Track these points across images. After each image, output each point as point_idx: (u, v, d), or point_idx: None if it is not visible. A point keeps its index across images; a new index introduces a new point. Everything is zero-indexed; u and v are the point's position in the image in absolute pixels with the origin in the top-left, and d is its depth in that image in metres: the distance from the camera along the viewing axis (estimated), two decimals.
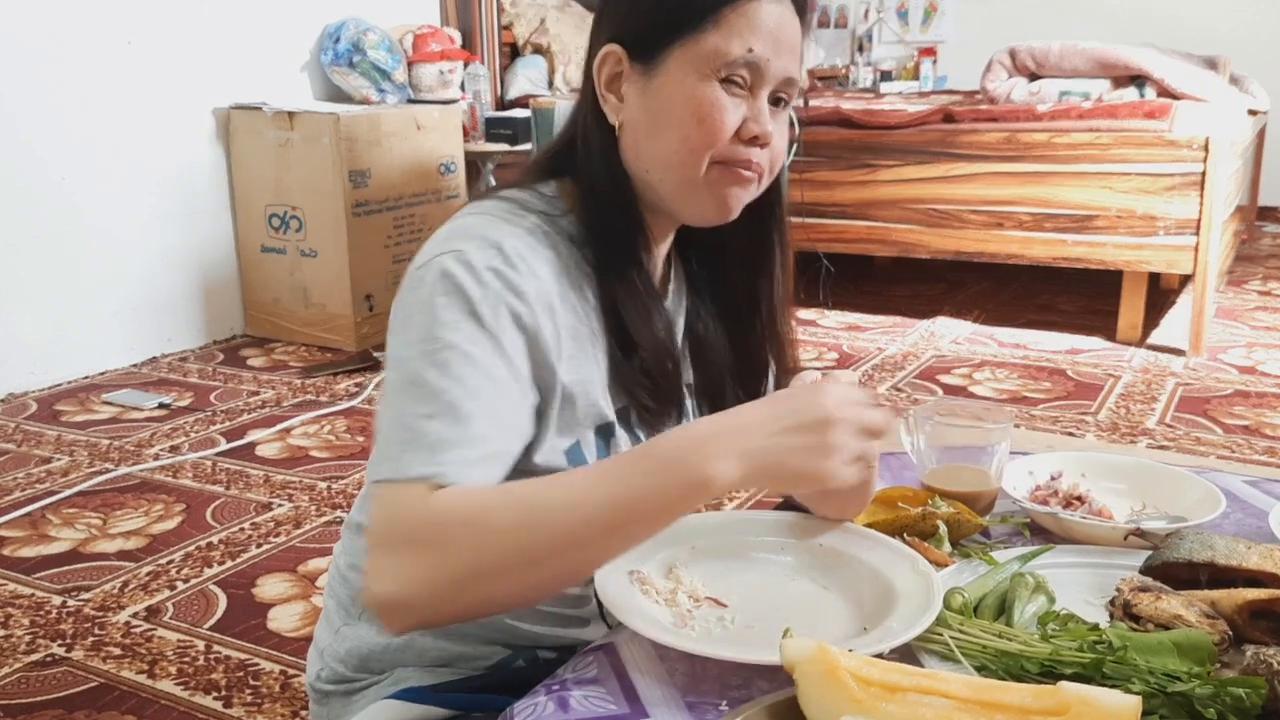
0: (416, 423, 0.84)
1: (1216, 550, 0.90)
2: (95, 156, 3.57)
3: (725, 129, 0.95)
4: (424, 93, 4.41)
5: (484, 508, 0.81)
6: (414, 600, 0.80)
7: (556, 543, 0.80)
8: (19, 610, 2.10)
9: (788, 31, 0.97)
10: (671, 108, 0.96)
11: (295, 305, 3.96)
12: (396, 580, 0.80)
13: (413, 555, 0.80)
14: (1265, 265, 5.20)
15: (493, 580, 0.80)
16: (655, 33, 0.96)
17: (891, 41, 7.09)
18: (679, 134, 0.96)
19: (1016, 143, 3.80)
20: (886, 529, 1.01)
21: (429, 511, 0.81)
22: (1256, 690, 0.72)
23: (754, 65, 0.95)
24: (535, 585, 0.84)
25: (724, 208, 1.00)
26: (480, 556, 0.79)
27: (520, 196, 1.00)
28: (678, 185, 0.98)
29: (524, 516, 0.81)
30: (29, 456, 2.91)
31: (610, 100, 0.99)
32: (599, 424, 0.99)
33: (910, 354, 3.80)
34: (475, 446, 0.84)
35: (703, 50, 0.94)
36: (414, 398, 0.86)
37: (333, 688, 1.09)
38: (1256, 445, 2.88)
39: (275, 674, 1.87)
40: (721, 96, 0.95)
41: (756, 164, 0.98)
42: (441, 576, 0.79)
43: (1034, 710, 0.70)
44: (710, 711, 0.77)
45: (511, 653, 1.05)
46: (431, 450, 0.83)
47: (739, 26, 0.94)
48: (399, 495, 0.82)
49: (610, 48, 0.98)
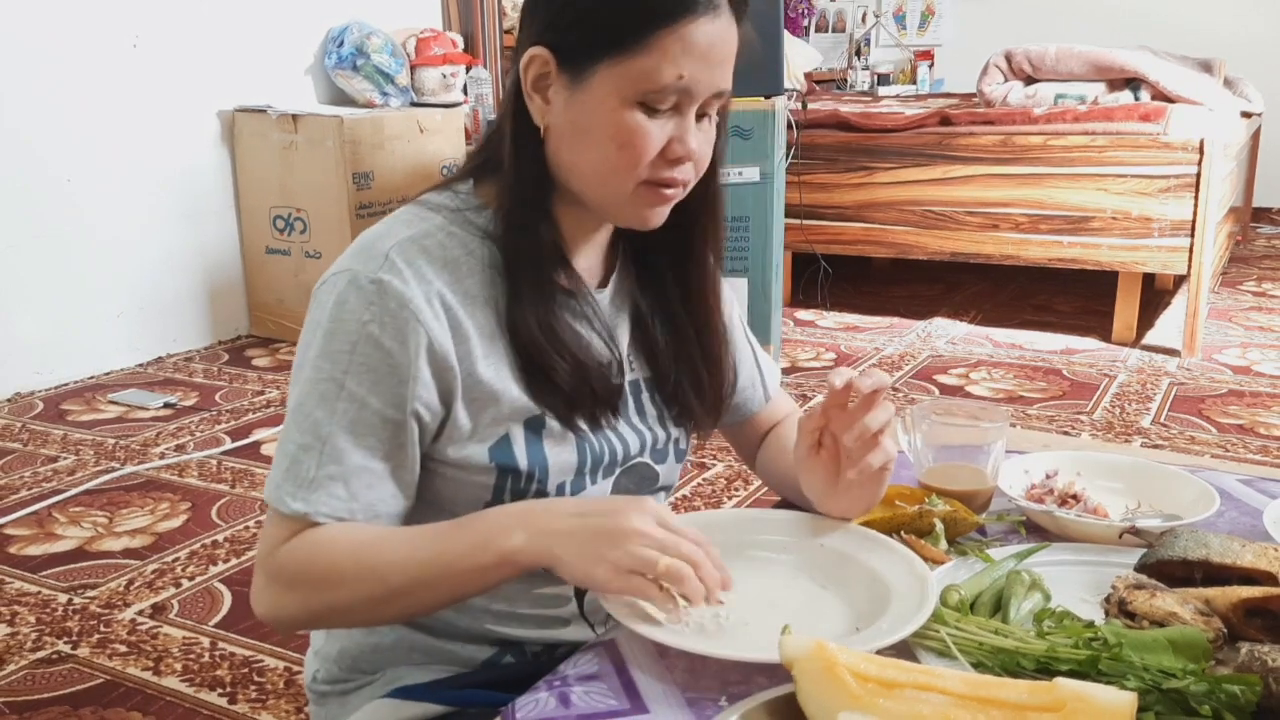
0: (296, 453, 0.91)
1: (1211, 548, 0.90)
2: (100, 158, 3.57)
3: (647, 155, 0.92)
4: (427, 96, 4.42)
5: (333, 562, 0.90)
6: (286, 623, 0.95)
7: (390, 593, 0.90)
8: (25, 608, 2.11)
9: (722, 47, 0.92)
10: (593, 127, 0.92)
11: (299, 306, 3.97)
12: (269, 606, 0.93)
13: (281, 589, 0.92)
14: (1259, 266, 5.21)
15: (344, 615, 0.94)
16: (582, 45, 0.92)
17: (889, 45, 7.10)
18: (600, 155, 0.93)
19: (1013, 145, 3.82)
20: (883, 527, 1.01)
21: (296, 555, 0.90)
22: (1251, 687, 0.72)
23: (682, 90, 0.91)
24: (381, 619, 0.99)
25: (648, 221, 0.98)
26: (329, 599, 0.91)
27: (433, 199, 1.00)
28: (600, 199, 0.97)
29: (364, 571, 0.90)
30: (35, 455, 2.92)
31: (536, 101, 0.95)
32: (526, 418, 0.97)
33: (907, 354, 3.82)
34: (345, 484, 0.91)
35: (630, 73, 0.90)
36: (297, 425, 0.92)
37: (328, 688, 1.09)
38: (1250, 444, 2.89)
39: (280, 671, 1.88)
40: (644, 123, 0.91)
41: (680, 179, 0.96)
42: (305, 611, 0.93)
43: (1030, 706, 0.70)
44: (710, 707, 0.78)
45: (499, 649, 1.05)
46: (305, 488, 0.90)
47: (672, 51, 0.89)
48: (277, 529, 0.92)
49: (538, 50, 0.93)
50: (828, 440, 1.00)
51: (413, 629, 1.04)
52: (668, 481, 1.12)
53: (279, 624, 0.95)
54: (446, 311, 0.93)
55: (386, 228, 0.96)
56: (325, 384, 0.91)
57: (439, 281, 0.93)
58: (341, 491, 0.90)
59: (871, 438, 0.96)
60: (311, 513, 0.90)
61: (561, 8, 0.93)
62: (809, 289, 4.46)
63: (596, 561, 0.84)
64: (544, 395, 0.97)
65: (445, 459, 0.96)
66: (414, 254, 0.93)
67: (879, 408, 0.96)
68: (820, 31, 7.19)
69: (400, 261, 0.92)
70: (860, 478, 0.98)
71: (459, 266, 0.95)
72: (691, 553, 0.85)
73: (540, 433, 0.98)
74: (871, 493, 1.00)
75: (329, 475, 0.90)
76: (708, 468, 2.75)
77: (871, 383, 0.95)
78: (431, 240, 0.95)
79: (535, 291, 0.96)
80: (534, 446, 0.97)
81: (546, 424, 0.98)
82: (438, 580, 0.89)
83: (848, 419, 0.96)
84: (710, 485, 2.65)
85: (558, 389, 0.97)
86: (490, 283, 0.96)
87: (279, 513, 0.91)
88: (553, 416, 0.98)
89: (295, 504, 0.90)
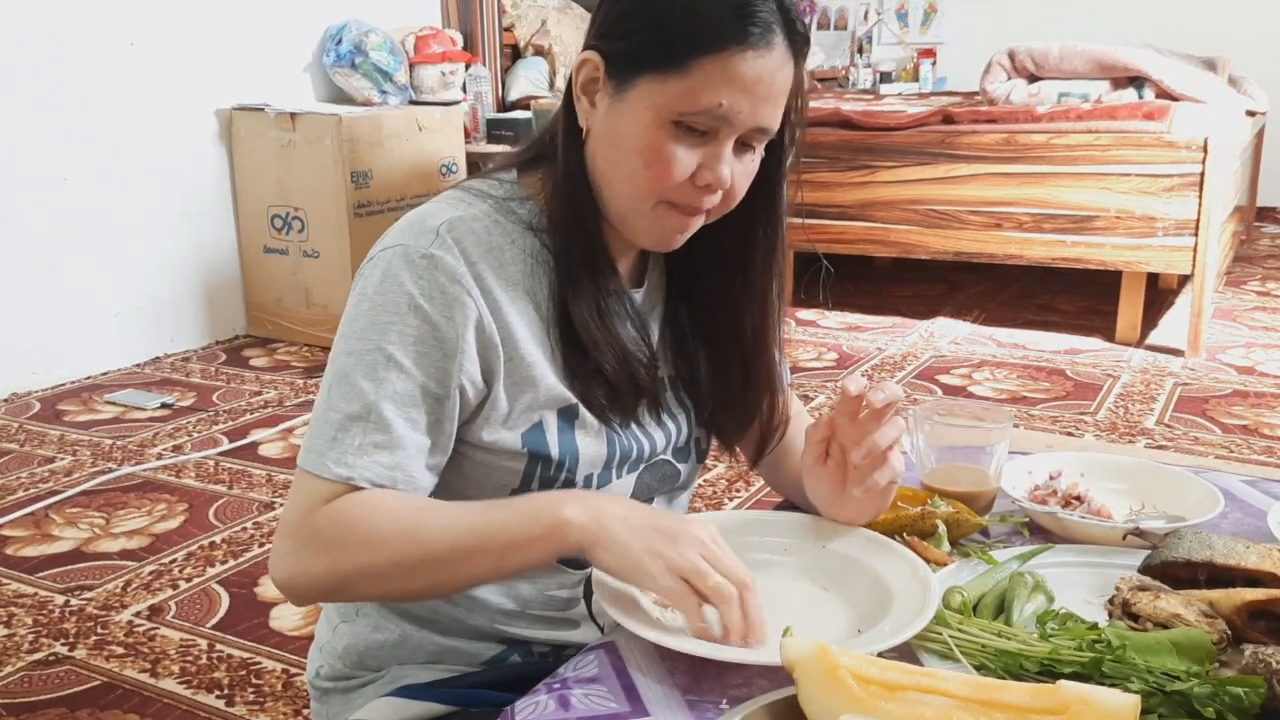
0: (342, 421, 0.90)
1: (1215, 550, 0.90)
2: (97, 157, 3.57)
3: (673, 178, 0.92)
4: (425, 94, 4.41)
5: (375, 525, 0.88)
6: (306, 590, 0.93)
7: (426, 559, 0.89)
8: (22, 609, 2.10)
9: (771, 83, 0.91)
10: (625, 140, 0.93)
11: (297, 305, 3.97)
12: (293, 571, 0.91)
13: (311, 553, 0.90)
14: (1264, 266, 5.20)
15: (371, 582, 0.91)
16: (630, 56, 0.93)
17: (891, 43, 7.10)
18: (628, 169, 0.94)
19: (1016, 144, 3.81)
20: (886, 528, 1.01)
21: (334, 517, 0.89)
22: (1255, 689, 0.72)
23: (720, 118, 0.91)
24: (410, 591, 0.96)
25: (663, 242, 0.99)
26: (362, 564, 0.89)
27: (477, 185, 1.01)
28: (622, 211, 0.97)
29: (403, 534, 0.89)
30: (32, 456, 2.92)
31: (583, 103, 0.97)
32: (561, 406, 0.98)
33: (910, 354, 3.81)
34: (391, 452, 0.90)
35: (668, 92, 0.90)
36: (343, 395, 0.91)
37: (331, 685, 1.09)
38: (1255, 445, 2.88)
39: (277, 673, 1.88)
40: (672, 145, 0.91)
41: (704, 207, 0.96)
42: (330, 575, 0.90)
43: (1033, 709, 0.70)
44: (710, 710, 0.78)
45: (506, 648, 1.05)
46: (352, 454, 0.90)
47: (714, 78, 0.89)
48: (316, 492, 0.90)
49: (590, 54, 0.96)
50: (835, 450, 0.99)
51: (419, 627, 1.05)
52: (687, 481, 1.13)
53: (297, 590, 0.93)
54: (490, 295, 0.94)
55: (435, 207, 0.98)
56: (372, 354, 0.91)
57: (484, 264, 0.94)
58: (386, 459, 0.90)
59: (879, 455, 0.95)
60: (356, 478, 0.89)
61: (617, 18, 0.95)
62: (810, 288, 4.45)
63: (652, 555, 0.84)
64: (585, 385, 0.98)
65: (478, 442, 0.97)
66: (462, 233, 0.94)
67: (889, 424, 0.95)
68: (822, 29, 7.18)
69: (450, 239, 0.93)
70: (866, 494, 0.97)
71: (502, 253, 0.96)
72: (744, 579, 0.84)
73: (573, 422, 0.99)
74: (877, 505, 0.99)
75: (375, 444, 0.90)
76: (709, 468, 2.74)
77: (884, 397, 0.93)
78: (479, 224, 0.96)
79: (589, 283, 0.98)
80: (566, 435, 0.98)
81: (580, 414, 0.99)
82: (477, 550, 0.88)
83: (856, 431, 0.95)
84: (711, 486, 2.64)
85: (602, 380, 0.98)
86: (531, 273, 0.97)
87: (319, 478, 0.90)
88: (588, 407, 0.99)
89: (339, 469, 0.89)
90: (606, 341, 0.98)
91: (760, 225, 1.04)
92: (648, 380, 1.02)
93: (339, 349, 0.93)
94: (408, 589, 0.94)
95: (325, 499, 0.89)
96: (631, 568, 0.84)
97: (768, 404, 1.10)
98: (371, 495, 0.89)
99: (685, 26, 0.90)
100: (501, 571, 0.92)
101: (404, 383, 0.91)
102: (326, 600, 1.03)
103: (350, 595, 0.99)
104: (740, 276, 1.05)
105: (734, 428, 1.11)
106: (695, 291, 1.08)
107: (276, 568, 0.92)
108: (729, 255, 1.04)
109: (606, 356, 0.98)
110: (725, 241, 1.03)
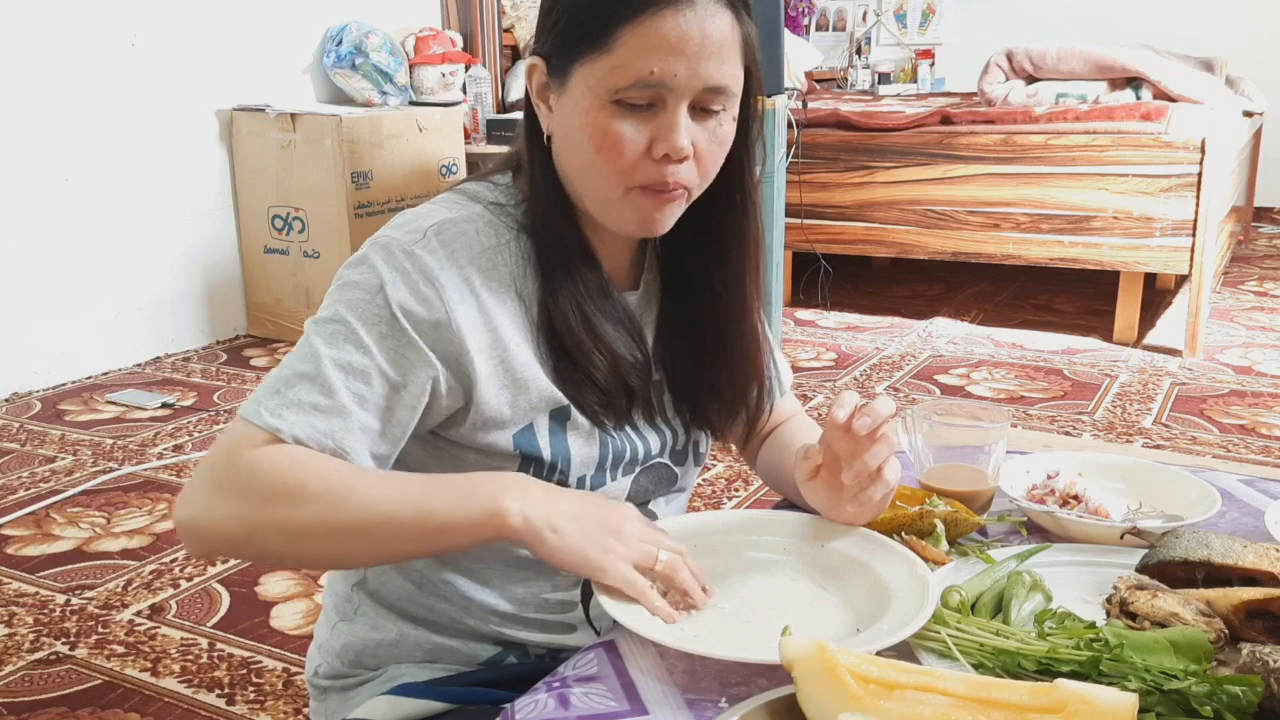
0: (289, 376, 0.90)
1: (1212, 549, 0.90)
2: (98, 157, 3.57)
3: (626, 156, 0.91)
4: (426, 95, 4.42)
5: (303, 480, 0.85)
6: (211, 536, 0.88)
7: (353, 525, 0.86)
8: (23, 609, 2.11)
9: (703, 38, 0.88)
10: (575, 132, 0.93)
11: (297, 305, 3.97)
12: (202, 512, 0.87)
13: (226, 497, 0.86)
14: (1261, 266, 5.21)
15: (286, 540, 0.87)
16: (561, 49, 0.92)
17: (889, 44, 7.10)
18: (585, 160, 0.93)
19: (1014, 144, 3.81)
20: (884, 528, 1.01)
21: (259, 463, 0.86)
22: (1252, 688, 0.72)
23: (656, 85, 0.89)
24: (324, 557, 0.95)
25: (646, 226, 0.97)
26: (281, 518, 0.86)
27: (472, 188, 1.01)
28: (596, 203, 0.97)
29: (333, 495, 0.85)
30: (33, 456, 2.92)
31: (542, 110, 0.97)
32: (553, 408, 0.98)
33: (908, 354, 3.81)
34: (328, 417, 0.88)
35: (599, 73, 0.89)
36: (298, 356, 0.91)
37: (330, 683, 1.09)
38: (1252, 444, 2.89)
39: (278, 671, 1.88)
40: (616, 124, 0.90)
41: (676, 182, 0.93)
42: (243, 524, 0.86)
43: (1031, 708, 0.70)
44: (710, 709, 0.78)
45: (503, 649, 1.05)
46: (290, 409, 0.88)
47: (637, 46, 0.88)
48: (245, 436, 0.87)
49: (534, 59, 0.96)
50: (829, 458, 0.98)
51: (416, 626, 1.05)
52: (684, 484, 1.12)
53: (201, 534, 0.88)
54: (476, 298, 0.93)
55: (427, 209, 0.98)
56: (336, 324, 0.91)
57: (472, 268, 0.94)
58: (321, 423, 0.88)
59: (872, 473, 0.95)
60: (284, 430, 0.87)
61: (544, 14, 0.96)
62: (809, 289, 4.46)
63: (605, 551, 0.86)
64: (577, 389, 0.98)
65: (471, 444, 0.97)
66: (452, 236, 0.94)
67: (880, 443, 0.94)
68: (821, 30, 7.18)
69: (437, 241, 0.93)
70: (860, 507, 0.97)
71: (494, 255, 0.95)
72: (678, 547, 0.90)
73: (565, 424, 0.99)
74: (872, 515, 0.99)
75: (314, 405, 0.88)
76: (708, 468, 2.75)
77: (869, 422, 0.92)
78: (470, 226, 0.96)
79: (570, 288, 0.97)
80: (558, 437, 0.98)
81: (572, 416, 0.99)
82: (409, 525, 0.86)
83: (848, 447, 0.94)
84: (710, 485, 2.65)
85: (593, 384, 0.98)
86: (523, 275, 0.97)
87: (250, 424, 0.88)
88: (580, 410, 0.98)
89: (272, 419, 0.87)
90: (594, 345, 0.97)
91: (731, 191, 1.01)
92: (640, 384, 1.02)
93: (309, 324, 0.94)
94: (322, 554, 0.92)
95: (252, 445, 0.87)
96: (587, 566, 0.86)
97: (755, 385, 1.09)
98: (303, 450, 0.87)
99: (599, 2, 0.89)
100: (430, 550, 0.93)
101: (360, 357, 0.89)
102: (225, 553, 0.98)
103: (253, 550, 0.90)
104: (715, 247, 1.04)
105: (723, 414, 1.09)
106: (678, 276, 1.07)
107: (184, 506, 0.88)
108: (702, 226, 1.02)
109: (595, 361, 0.97)
110: (698, 212, 1.00)
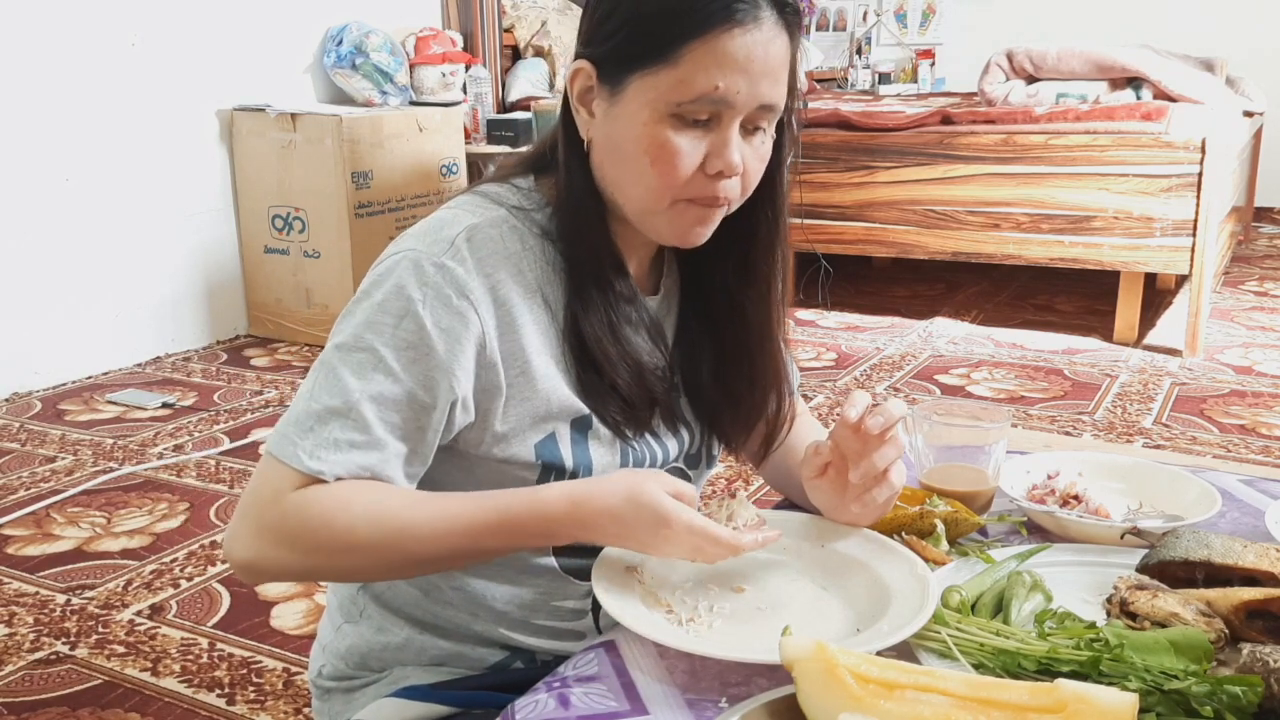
0: (322, 413, 0.89)
1: (1213, 549, 0.90)
2: (99, 157, 3.57)
3: (682, 171, 0.91)
4: (426, 95, 4.42)
5: (350, 525, 0.87)
6: (266, 575, 0.92)
7: (410, 562, 0.91)
8: (23, 608, 2.11)
9: (765, 58, 0.90)
10: (627, 142, 0.92)
11: (298, 305, 3.97)
12: (254, 555, 0.89)
13: (276, 542, 0.88)
14: (1261, 266, 5.20)
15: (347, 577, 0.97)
16: (618, 57, 0.91)
17: (890, 44, 7.10)
18: (635, 171, 0.93)
19: (1014, 144, 3.81)
20: (884, 527, 1.01)
21: (305, 509, 0.87)
22: (1253, 688, 0.72)
23: (719, 101, 0.89)
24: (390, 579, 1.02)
25: (687, 237, 0.97)
26: (338, 562, 0.90)
27: (494, 190, 1.00)
28: (638, 212, 0.96)
29: (385, 539, 0.88)
30: (33, 456, 2.92)
31: (582, 114, 0.96)
32: (574, 417, 0.97)
33: (908, 354, 3.81)
34: (366, 453, 0.89)
35: (661, 85, 0.89)
36: (326, 388, 0.90)
37: (333, 684, 1.09)
38: (1252, 444, 2.89)
39: (278, 671, 1.88)
40: (674, 138, 0.90)
41: (723, 196, 0.94)
42: (298, 568, 0.91)
43: (1031, 708, 0.70)
44: (710, 709, 0.78)
45: (509, 654, 1.05)
46: (327, 449, 0.88)
47: (704, 62, 0.88)
48: (284, 478, 0.88)
49: (581, 63, 0.95)
50: (836, 458, 0.98)
51: (423, 631, 1.05)
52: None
53: (255, 574, 0.91)
54: (501, 305, 0.93)
55: (452, 214, 0.96)
56: (363, 353, 0.90)
57: (501, 273, 0.93)
58: (361, 459, 0.88)
59: (879, 474, 0.95)
60: (326, 472, 0.87)
61: (600, 21, 0.94)
62: (810, 288, 4.46)
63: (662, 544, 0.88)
64: (599, 400, 0.97)
65: (489, 455, 0.96)
66: (480, 242, 0.93)
67: (889, 444, 0.94)
68: (821, 30, 7.18)
69: (467, 250, 0.92)
70: (864, 508, 0.97)
71: (520, 260, 0.95)
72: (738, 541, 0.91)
73: (586, 433, 0.98)
74: (876, 516, 0.99)
75: (351, 442, 0.88)
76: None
77: (881, 421, 0.92)
78: (496, 231, 0.95)
79: (600, 299, 0.97)
80: (579, 447, 0.98)
81: (593, 425, 0.98)
82: (465, 553, 0.91)
83: (856, 446, 0.95)
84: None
85: (616, 394, 0.97)
86: (547, 280, 0.96)
87: (289, 467, 0.88)
88: (602, 420, 0.98)
89: (312, 462, 0.87)
90: (620, 357, 0.97)
91: (762, 207, 1.02)
92: (663, 391, 1.02)
93: (332, 342, 0.92)
94: (382, 578, 1.01)
95: (294, 487, 0.87)
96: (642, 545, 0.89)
97: (774, 399, 1.09)
98: (344, 490, 0.88)
99: (668, 15, 0.89)
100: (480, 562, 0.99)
101: (391, 386, 0.89)
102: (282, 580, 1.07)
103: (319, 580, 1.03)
104: (742, 261, 1.04)
105: (739, 426, 1.10)
106: (700, 284, 1.07)
107: (238, 549, 0.89)
108: (731, 239, 1.02)
109: (620, 373, 0.97)
110: (727, 225, 1.01)
